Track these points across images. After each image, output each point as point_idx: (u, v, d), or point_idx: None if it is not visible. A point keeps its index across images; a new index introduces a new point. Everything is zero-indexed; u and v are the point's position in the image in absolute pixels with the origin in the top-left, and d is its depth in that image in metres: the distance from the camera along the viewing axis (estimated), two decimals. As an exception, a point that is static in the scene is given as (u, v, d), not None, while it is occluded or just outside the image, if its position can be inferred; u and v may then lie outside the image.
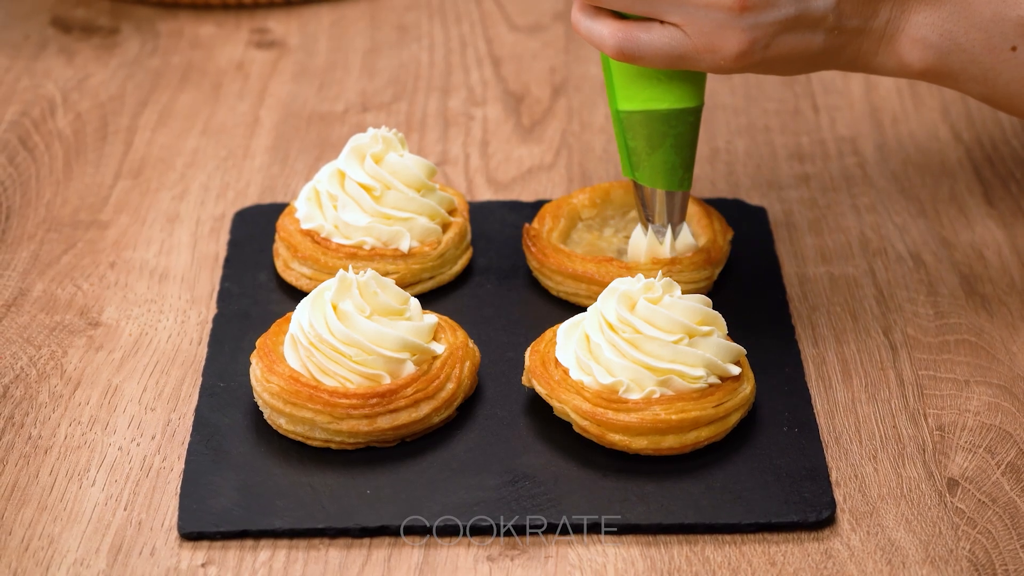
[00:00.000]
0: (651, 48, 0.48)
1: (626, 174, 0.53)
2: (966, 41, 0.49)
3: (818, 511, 0.47)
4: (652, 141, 0.51)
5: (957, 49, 0.49)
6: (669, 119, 0.51)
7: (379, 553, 0.46)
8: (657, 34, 0.48)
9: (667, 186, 0.52)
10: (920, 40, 0.49)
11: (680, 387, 0.49)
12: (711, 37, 0.48)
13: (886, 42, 0.50)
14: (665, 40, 0.48)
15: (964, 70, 0.50)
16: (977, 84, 0.50)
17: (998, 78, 0.50)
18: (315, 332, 0.49)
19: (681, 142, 0.51)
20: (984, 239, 0.60)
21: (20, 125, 0.69)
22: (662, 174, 0.52)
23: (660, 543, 0.46)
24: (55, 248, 0.61)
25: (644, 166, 0.52)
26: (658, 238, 0.54)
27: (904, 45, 0.49)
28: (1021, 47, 0.49)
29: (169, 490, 0.48)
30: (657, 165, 0.52)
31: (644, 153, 0.51)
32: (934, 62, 0.50)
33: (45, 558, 0.46)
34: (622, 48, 0.48)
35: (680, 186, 0.53)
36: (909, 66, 0.50)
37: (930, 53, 0.49)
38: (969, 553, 0.46)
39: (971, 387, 0.53)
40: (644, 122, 0.51)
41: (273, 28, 0.77)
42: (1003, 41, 0.49)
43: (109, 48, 0.75)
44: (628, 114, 0.51)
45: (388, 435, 0.49)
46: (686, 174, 0.52)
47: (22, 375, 0.53)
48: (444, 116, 0.70)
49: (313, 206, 0.57)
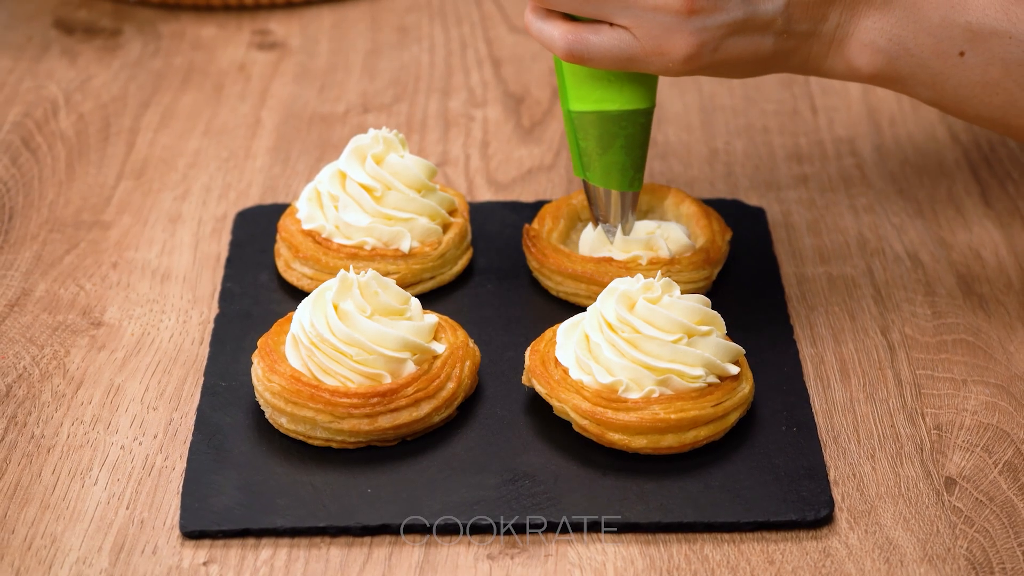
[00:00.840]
0: (600, 50, 0.49)
1: (577, 174, 0.53)
2: (915, 46, 0.49)
3: (816, 510, 0.47)
4: (603, 142, 0.51)
5: (906, 54, 0.49)
6: (620, 120, 0.51)
7: (380, 552, 0.46)
8: (606, 36, 0.48)
9: (618, 186, 0.53)
10: (869, 44, 0.49)
11: (679, 386, 0.49)
12: (659, 40, 0.48)
13: (835, 46, 0.50)
14: (614, 42, 0.48)
15: (913, 75, 0.50)
16: (926, 88, 0.50)
17: (946, 83, 0.50)
18: (316, 332, 0.50)
19: (632, 143, 0.52)
20: (981, 239, 0.61)
21: (23, 126, 0.69)
22: (613, 174, 0.52)
23: (659, 542, 0.47)
24: (58, 248, 0.61)
25: (595, 166, 0.52)
26: (608, 237, 0.55)
27: (853, 49, 0.50)
28: (969, 52, 0.49)
29: (171, 489, 0.49)
30: (608, 165, 0.52)
31: (595, 153, 0.52)
32: (883, 66, 0.50)
33: (48, 556, 0.46)
34: (571, 50, 0.49)
35: (631, 186, 0.53)
36: (858, 70, 0.50)
37: (879, 57, 0.50)
38: (966, 552, 0.46)
39: (968, 386, 0.53)
40: (595, 123, 0.51)
41: (274, 30, 0.77)
42: (951, 46, 0.49)
43: (111, 49, 0.75)
44: (579, 115, 0.51)
45: (389, 434, 0.50)
46: (636, 174, 0.53)
47: (25, 374, 0.54)
48: (444, 117, 0.70)
49: (314, 207, 0.57)
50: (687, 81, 0.72)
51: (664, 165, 0.66)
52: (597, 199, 0.54)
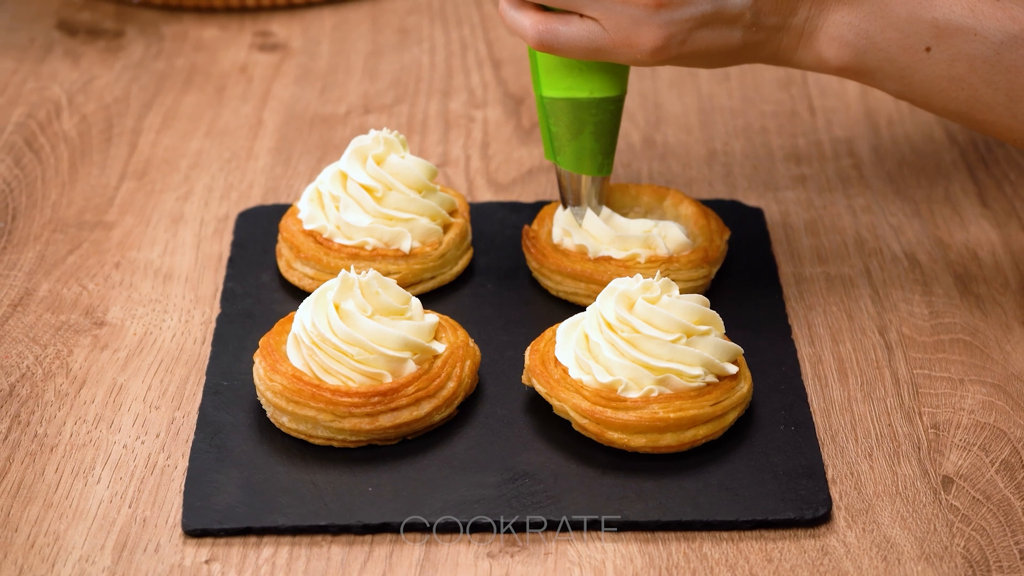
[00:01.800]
0: (569, 41, 0.49)
1: (548, 157, 0.54)
2: (882, 40, 0.50)
3: (814, 508, 0.47)
4: (573, 127, 0.52)
5: (873, 48, 0.50)
6: (590, 107, 0.52)
7: (381, 550, 0.47)
8: (576, 27, 0.49)
9: (588, 171, 0.54)
10: (837, 38, 0.50)
11: (678, 386, 0.49)
12: (627, 32, 0.49)
13: (805, 39, 0.50)
14: (583, 33, 0.49)
15: (880, 68, 0.50)
16: (893, 82, 0.51)
17: (913, 76, 0.50)
18: (317, 331, 0.50)
19: (601, 129, 0.53)
20: (978, 239, 0.61)
21: (26, 127, 0.69)
22: (583, 159, 0.53)
23: (658, 540, 0.47)
24: (61, 248, 0.61)
25: (565, 151, 0.53)
26: (576, 219, 0.56)
27: (822, 43, 0.50)
28: (935, 48, 0.49)
29: (173, 487, 0.49)
30: (578, 151, 0.53)
31: (565, 139, 0.53)
32: (851, 60, 0.50)
33: (51, 555, 0.47)
34: (542, 39, 0.50)
35: (599, 171, 0.54)
36: (827, 63, 0.51)
37: (847, 51, 0.50)
38: (964, 550, 0.46)
39: (965, 386, 0.53)
40: (566, 109, 0.52)
41: (276, 31, 0.77)
42: (918, 41, 0.50)
43: (114, 51, 0.75)
44: (551, 100, 0.52)
45: (390, 433, 0.50)
46: (606, 160, 0.54)
47: (28, 374, 0.54)
48: (445, 118, 0.70)
49: (315, 207, 0.58)
50: (686, 82, 0.72)
51: (663, 166, 0.66)
52: (567, 183, 0.55)
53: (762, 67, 0.73)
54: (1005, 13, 0.49)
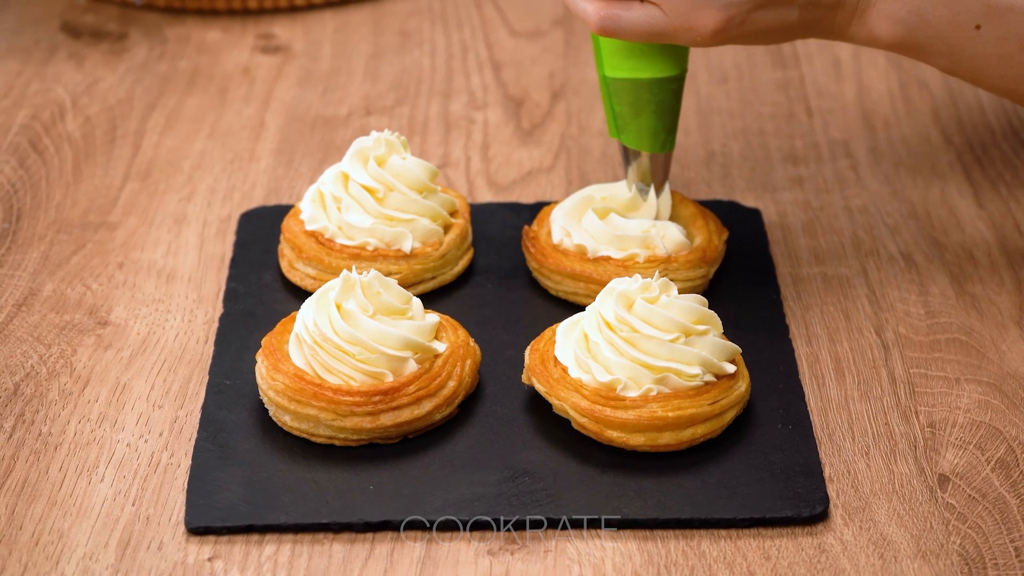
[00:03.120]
0: (631, 25, 0.50)
1: (612, 135, 0.55)
2: (933, 17, 0.50)
3: (811, 506, 0.47)
4: (636, 107, 0.54)
5: (924, 25, 0.51)
6: (652, 87, 0.53)
7: (382, 547, 0.47)
8: (637, 12, 0.50)
9: (650, 148, 0.55)
10: (890, 15, 0.51)
11: (677, 385, 0.49)
12: (687, 16, 0.49)
13: (858, 16, 0.51)
14: (644, 18, 0.50)
15: (930, 45, 0.51)
16: (943, 58, 0.52)
17: (962, 54, 0.51)
18: (319, 331, 0.50)
19: (663, 108, 0.54)
20: (974, 240, 0.61)
21: (31, 128, 0.69)
22: (646, 137, 0.54)
23: (657, 537, 0.47)
24: (65, 249, 0.61)
25: (629, 129, 0.54)
26: (641, 196, 0.57)
27: (874, 19, 0.51)
28: (985, 25, 0.50)
29: (176, 486, 0.49)
30: (641, 129, 0.54)
31: (629, 117, 0.54)
32: (902, 36, 0.51)
33: (55, 552, 0.47)
34: (604, 25, 0.51)
35: (662, 148, 0.55)
36: (878, 39, 0.52)
37: (899, 28, 0.51)
38: (959, 547, 0.47)
39: (961, 385, 0.53)
40: (629, 89, 0.53)
41: (278, 34, 0.78)
42: (968, 19, 0.50)
43: (118, 53, 0.75)
44: (614, 81, 0.53)
45: (391, 432, 0.50)
46: (668, 137, 0.55)
47: (32, 373, 0.54)
48: (446, 120, 0.70)
49: (317, 208, 0.58)
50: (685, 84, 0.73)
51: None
52: (631, 160, 0.56)
53: (760, 69, 0.73)
54: None
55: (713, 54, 0.74)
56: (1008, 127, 0.69)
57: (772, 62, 0.74)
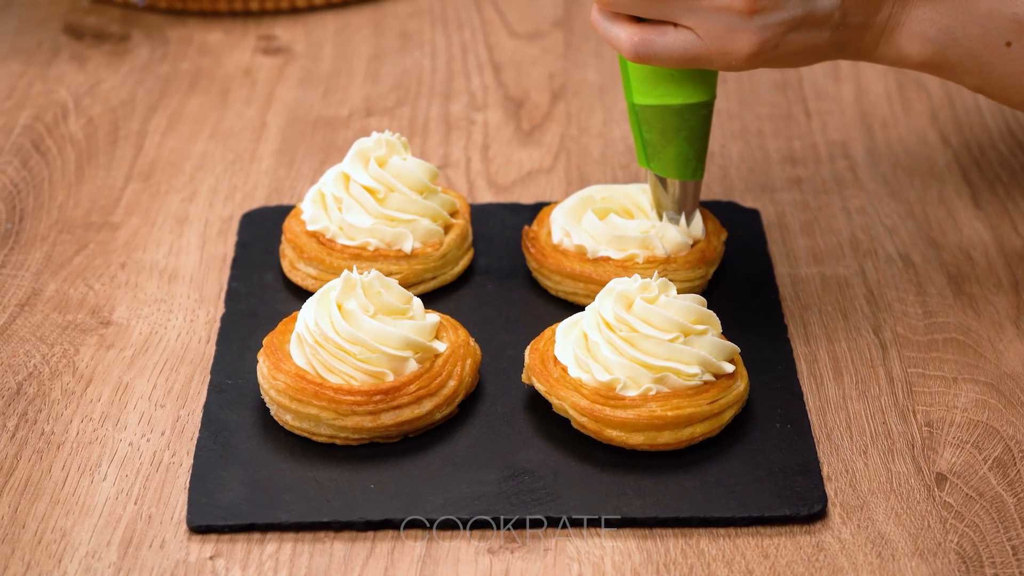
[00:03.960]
0: (666, 51, 0.50)
1: (642, 164, 0.54)
2: (963, 36, 0.50)
3: (810, 505, 0.48)
4: (666, 134, 0.53)
5: (954, 43, 0.50)
6: (683, 113, 0.52)
7: (383, 546, 0.47)
8: (672, 37, 0.49)
9: (681, 176, 0.54)
10: (919, 34, 0.50)
11: (676, 384, 0.49)
12: (723, 40, 0.49)
13: (887, 35, 0.51)
14: (679, 43, 0.49)
15: (960, 63, 0.51)
16: (972, 76, 0.51)
17: (992, 71, 0.51)
18: (320, 331, 0.50)
19: (694, 134, 0.53)
20: (972, 240, 0.61)
21: (33, 129, 0.70)
22: (676, 165, 0.53)
23: (656, 536, 0.47)
24: (67, 249, 0.61)
25: (659, 157, 0.53)
26: (672, 224, 0.56)
27: (903, 38, 0.51)
28: (1015, 43, 0.50)
29: (178, 484, 0.49)
30: (671, 156, 0.53)
31: (659, 145, 0.53)
32: (931, 55, 0.51)
33: (57, 551, 0.47)
34: (638, 51, 0.50)
35: (693, 176, 0.54)
36: (908, 58, 0.51)
37: (928, 47, 0.51)
38: (957, 546, 0.47)
39: (959, 384, 0.53)
40: (659, 116, 0.52)
41: (280, 35, 0.78)
42: (999, 36, 0.50)
43: (120, 54, 0.76)
44: (643, 108, 0.52)
45: (391, 431, 0.50)
46: (699, 164, 0.54)
47: (35, 373, 0.54)
48: (446, 120, 0.71)
49: (318, 208, 0.58)
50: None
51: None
52: (660, 189, 0.55)
53: (759, 71, 0.74)
54: None
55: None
56: (1005, 128, 0.69)
57: (771, 63, 0.74)
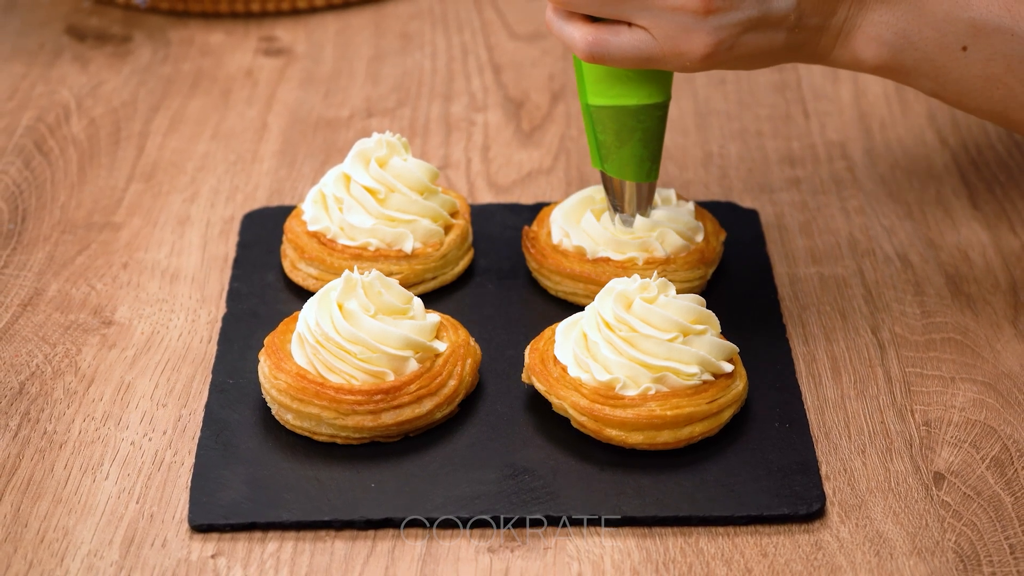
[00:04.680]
0: (620, 51, 0.49)
1: (595, 165, 0.54)
2: (919, 39, 0.50)
3: (808, 504, 0.48)
4: (621, 135, 0.52)
5: (910, 47, 0.50)
6: (638, 114, 0.52)
7: (383, 544, 0.47)
8: (626, 37, 0.49)
9: (635, 178, 0.53)
10: (875, 38, 0.50)
11: (675, 384, 0.50)
12: (677, 40, 0.49)
13: (843, 38, 0.50)
14: (633, 43, 0.49)
15: (916, 67, 0.51)
16: (928, 81, 0.51)
17: (948, 76, 0.51)
18: (321, 331, 0.50)
19: (649, 136, 0.52)
20: (969, 240, 0.61)
21: (36, 130, 0.70)
22: (630, 166, 0.53)
23: (655, 535, 0.47)
24: (69, 249, 0.62)
25: (613, 158, 0.53)
26: (625, 227, 0.55)
27: (860, 42, 0.50)
28: (971, 47, 0.50)
29: (180, 483, 0.49)
30: (626, 158, 0.53)
31: (613, 146, 0.53)
32: (887, 59, 0.51)
33: (60, 549, 0.47)
34: (592, 51, 0.49)
35: (647, 177, 0.54)
36: (863, 62, 0.51)
37: (884, 50, 0.50)
38: (955, 545, 0.47)
39: (956, 384, 0.54)
40: (613, 117, 0.52)
41: (281, 36, 0.78)
42: (955, 41, 0.50)
43: (122, 56, 0.76)
44: (597, 109, 0.52)
45: (392, 430, 0.50)
46: (653, 166, 0.53)
47: (38, 372, 0.55)
48: (446, 121, 0.71)
49: (319, 208, 0.58)
50: (683, 87, 0.73)
51: (661, 168, 0.67)
52: (614, 190, 0.54)
53: (757, 72, 0.74)
54: None
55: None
56: (1003, 129, 0.69)
57: (770, 64, 0.75)
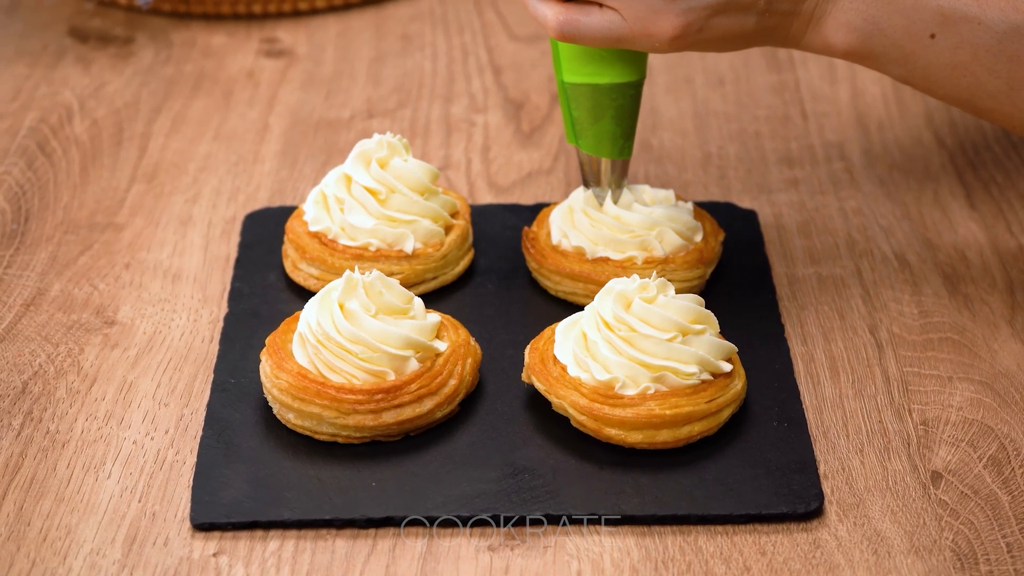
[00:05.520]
0: (590, 31, 0.50)
1: (570, 141, 0.55)
2: (888, 26, 0.50)
3: (806, 503, 0.48)
4: (595, 112, 0.53)
5: (879, 33, 0.51)
6: (611, 92, 0.52)
7: (384, 543, 0.47)
8: (596, 18, 0.50)
9: (609, 154, 0.54)
10: (845, 23, 0.50)
11: (674, 383, 0.50)
12: (646, 22, 0.49)
13: (814, 24, 0.51)
14: (603, 24, 0.50)
15: (885, 53, 0.51)
16: (897, 67, 0.52)
17: (916, 63, 0.51)
18: (322, 330, 0.51)
19: (622, 113, 0.53)
20: (966, 240, 0.61)
21: (39, 131, 0.70)
22: (604, 143, 0.54)
23: (655, 533, 0.48)
24: (72, 249, 0.62)
25: (587, 135, 0.54)
26: (597, 200, 0.56)
27: (830, 27, 0.51)
28: (939, 35, 0.50)
29: (182, 482, 0.50)
30: (599, 134, 0.54)
31: (587, 123, 0.53)
32: (857, 44, 0.51)
33: (63, 548, 0.47)
34: (563, 29, 0.50)
35: (620, 154, 0.55)
36: (833, 47, 0.52)
37: (854, 36, 0.51)
38: (952, 543, 0.47)
39: (954, 383, 0.54)
40: (587, 94, 0.53)
41: (282, 38, 0.78)
42: (923, 28, 0.50)
43: (124, 57, 0.76)
44: (572, 86, 0.53)
45: (393, 429, 0.51)
46: (627, 143, 0.54)
47: (40, 372, 0.55)
48: (447, 122, 0.71)
49: (321, 209, 0.59)
50: (682, 88, 0.73)
51: (659, 169, 0.67)
52: (588, 165, 0.55)
53: (756, 73, 0.74)
54: (1009, 3, 0.50)
55: (709, 58, 0.75)
56: (999, 129, 0.69)
57: (768, 66, 0.74)
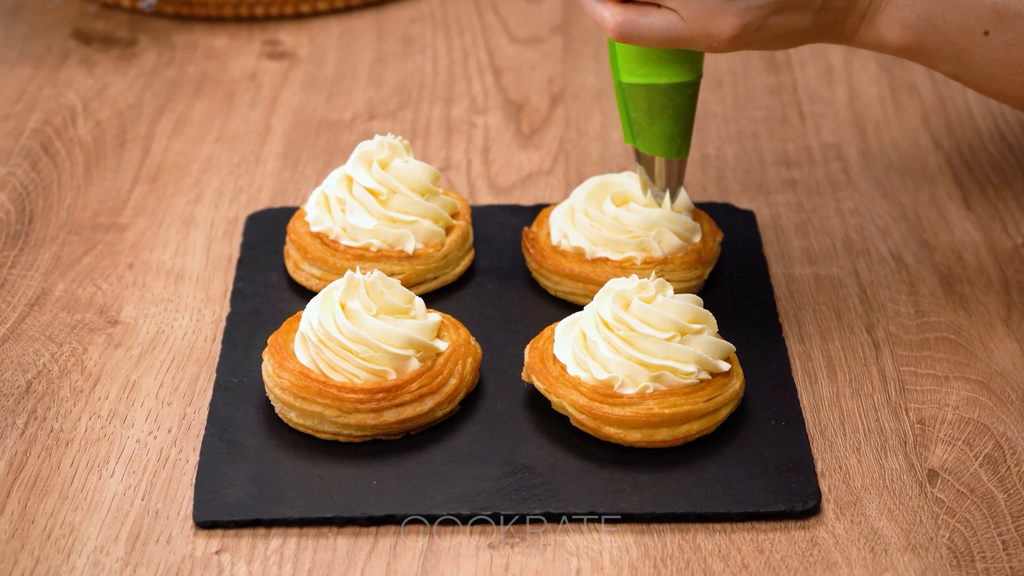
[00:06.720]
0: (649, 32, 0.50)
1: (627, 141, 0.55)
2: (942, 23, 0.51)
3: (804, 501, 0.48)
4: (652, 112, 0.53)
5: (933, 30, 0.51)
6: (668, 92, 0.53)
7: (385, 541, 0.48)
8: (655, 18, 0.50)
9: (666, 154, 0.54)
10: (899, 20, 0.51)
11: (672, 382, 0.50)
12: (705, 22, 0.49)
13: (868, 20, 0.51)
14: (662, 24, 0.50)
15: (938, 50, 0.51)
16: (949, 64, 0.52)
17: (970, 59, 0.51)
18: (324, 330, 0.51)
19: (679, 113, 0.53)
20: (963, 241, 0.62)
21: (42, 132, 0.70)
22: (661, 143, 0.54)
23: (654, 531, 0.48)
24: (76, 250, 0.62)
25: (644, 135, 0.54)
26: (656, 201, 0.56)
27: (884, 24, 0.51)
28: (993, 32, 0.50)
29: (184, 481, 0.50)
30: (656, 134, 0.54)
31: (644, 123, 0.53)
32: (911, 41, 0.51)
33: (66, 546, 0.48)
34: (621, 31, 0.50)
35: (678, 154, 0.55)
36: (887, 43, 0.52)
37: (908, 32, 0.51)
38: (948, 541, 0.47)
39: (950, 382, 0.54)
40: (645, 94, 0.53)
41: (284, 40, 0.79)
42: (977, 25, 0.50)
43: (127, 59, 0.76)
44: (630, 87, 0.53)
45: (394, 428, 0.51)
46: (684, 143, 0.54)
47: (44, 371, 0.55)
48: (447, 124, 0.71)
49: (322, 210, 0.59)
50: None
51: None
52: (646, 165, 0.55)
53: (754, 74, 0.74)
54: None
55: (708, 60, 0.75)
56: (995, 130, 0.69)
57: (765, 67, 0.75)
